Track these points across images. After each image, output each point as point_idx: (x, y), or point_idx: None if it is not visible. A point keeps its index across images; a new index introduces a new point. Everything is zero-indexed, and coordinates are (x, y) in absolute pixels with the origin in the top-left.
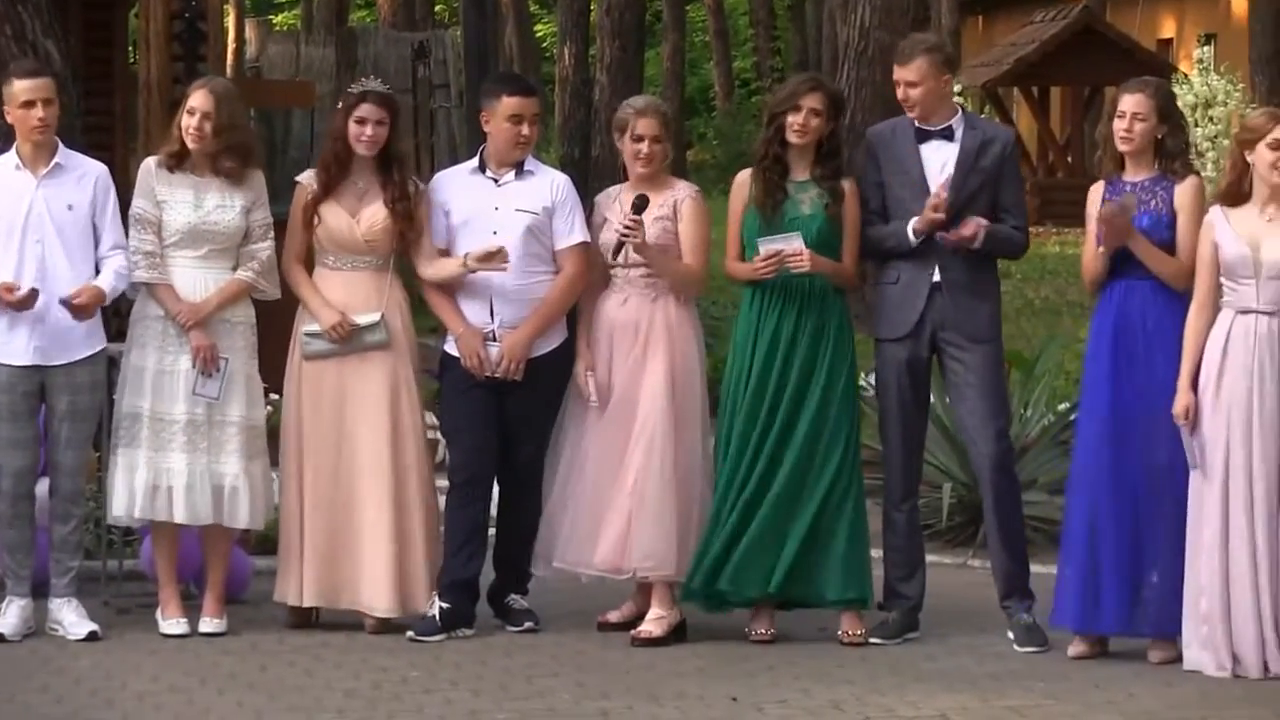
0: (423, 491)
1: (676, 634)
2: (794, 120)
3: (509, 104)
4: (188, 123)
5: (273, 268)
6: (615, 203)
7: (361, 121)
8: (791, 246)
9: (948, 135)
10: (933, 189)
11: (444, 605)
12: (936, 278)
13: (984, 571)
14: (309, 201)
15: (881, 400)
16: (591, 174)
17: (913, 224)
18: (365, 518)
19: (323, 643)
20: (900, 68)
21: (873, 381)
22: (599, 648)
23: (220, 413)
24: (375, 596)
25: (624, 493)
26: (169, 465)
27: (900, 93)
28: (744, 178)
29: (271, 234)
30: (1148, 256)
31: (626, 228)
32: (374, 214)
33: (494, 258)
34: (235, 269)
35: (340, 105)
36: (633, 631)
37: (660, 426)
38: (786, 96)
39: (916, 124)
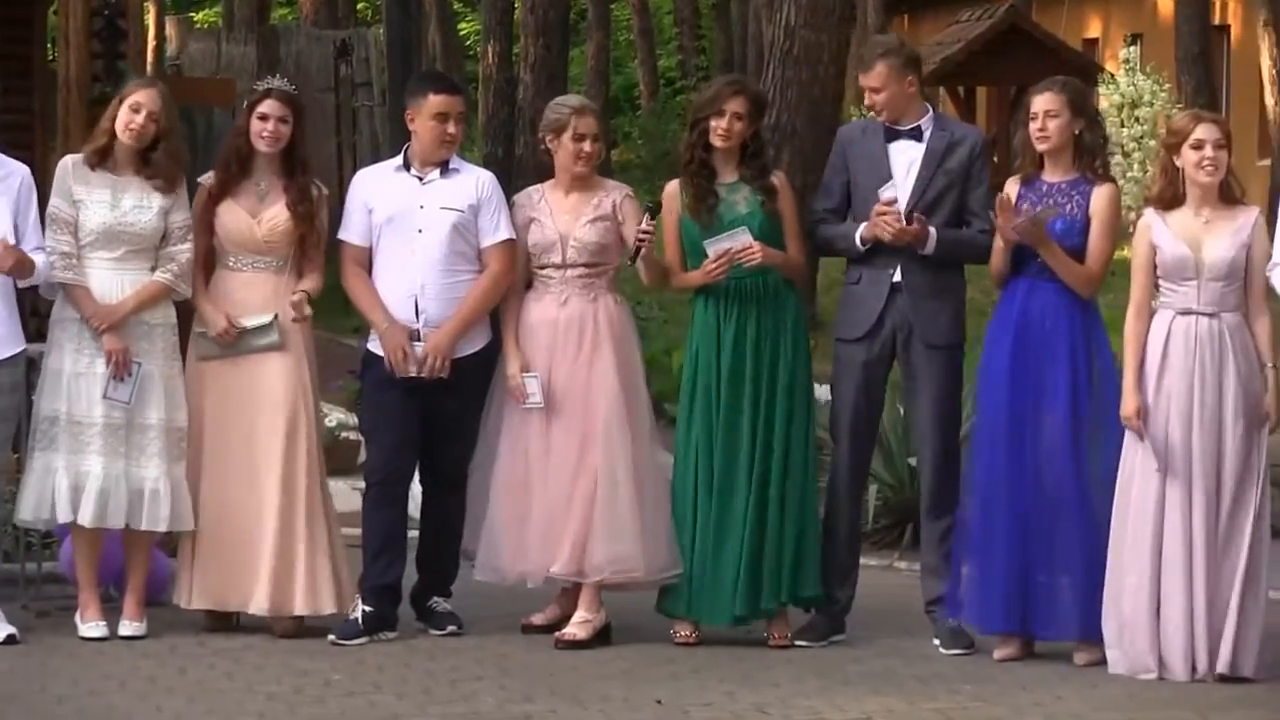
0: (319, 494)
1: (601, 637)
2: (718, 125)
3: (435, 102)
4: (129, 118)
5: (189, 269)
6: (543, 203)
7: (264, 118)
8: (739, 242)
9: (916, 136)
10: (899, 188)
11: (366, 609)
12: (897, 278)
13: (910, 574)
14: (207, 200)
15: (834, 400)
16: (515, 173)
17: (861, 230)
18: (258, 519)
19: (244, 645)
20: (863, 75)
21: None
22: (523, 650)
23: (140, 416)
24: (261, 596)
25: (584, 497)
26: (86, 468)
27: (867, 99)
28: (673, 188)
29: (191, 236)
30: (1058, 264)
31: (644, 233)
32: (275, 215)
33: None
34: (154, 270)
35: (245, 102)
36: (557, 634)
37: (618, 426)
38: (709, 101)
39: (886, 124)
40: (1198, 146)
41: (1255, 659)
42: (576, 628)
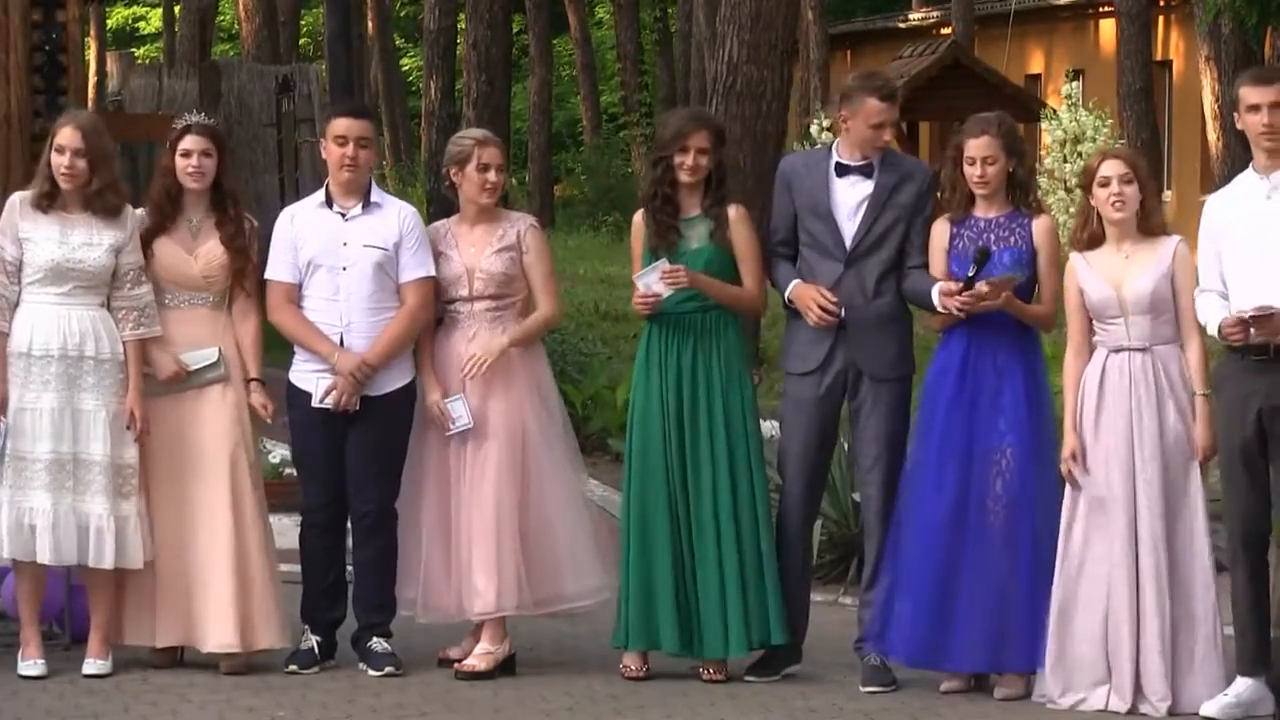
0: (264, 526)
1: (504, 668)
2: (683, 160)
3: (335, 125)
4: (58, 162)
5: (153, 309)
6: (450, 235)
7: (187, 154)
8: (657, 272)
9: (867, 172)
10: (843, 225)
11: (316, 639)
12: (841, 313)
13: (855, 609)
14: (141, 241)
15: (783, 437)
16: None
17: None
18: (208, 555)
19: (189, 682)
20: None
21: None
22: (467, 686)
23: (85, 452)
24: (216, 633)
25: (506, 532)
26: (32, 504)
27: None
28: (640, 219)
29: (145, 275)
30: (1022, 314)
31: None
32: (211, 250)
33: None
34: (103, 305)
35: (167, 142)
36: (456, 665)
37: (529, 460)
38: (673, 137)
39: (837, 158)
40: (1104, 184)
41: (1209, 693)
42: (478, 659)
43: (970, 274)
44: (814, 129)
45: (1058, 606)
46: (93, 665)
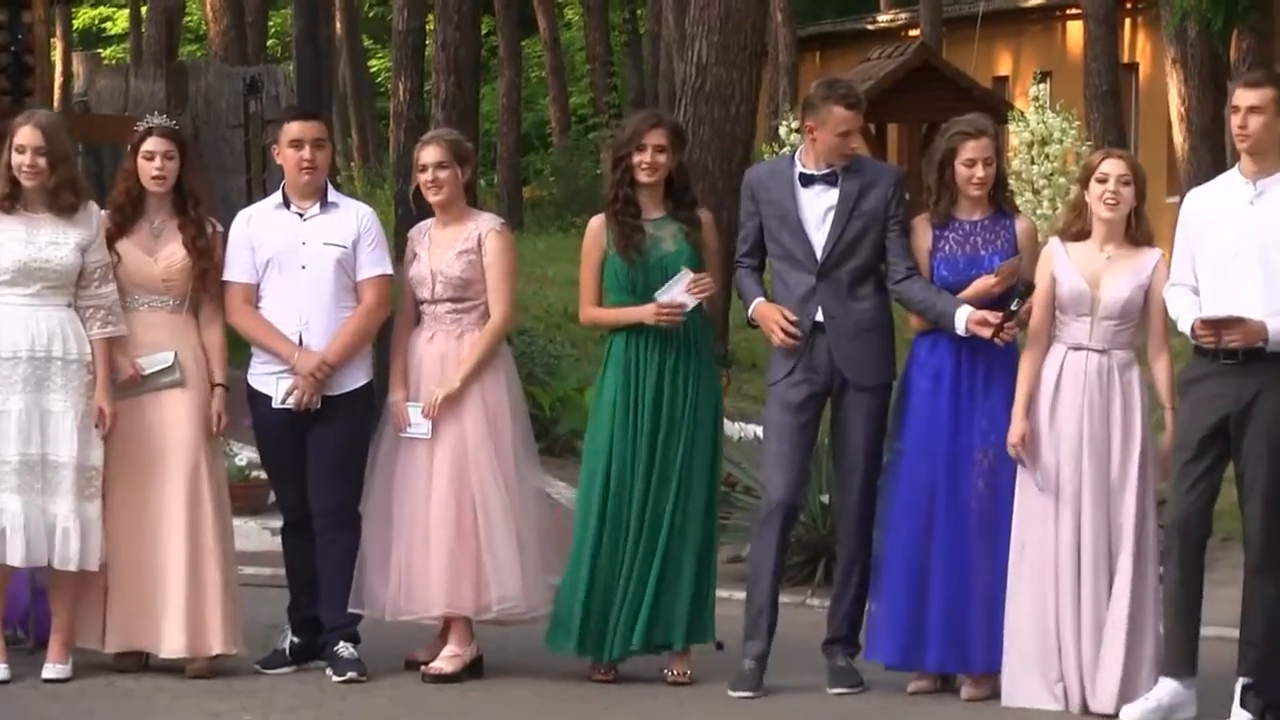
0: (226, 532)
1: (471, 670)
2: (641, 159)
3: (289, 129)
4: (19, 161)
5: (119, 307)
6: (425, 236)
7: (149, 156)
8: (682, 284)
9: (831, 180)
10: (812, 236)
11: (295, 640)
12: (819, 317)
13: (823, 611)
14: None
15: (766, 442)
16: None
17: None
18: (166, 559)
19: (154, 687)
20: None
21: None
22: (435, 690)
23: (54, 453)
24: (173, 639)
25: (465, 534)
26: (2, 506)
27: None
28: (597, 224)
29: (111, 274)
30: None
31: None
32: (172, 253)
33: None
34: (69, 305)
35: (129, 144)
36: (423, 667)
37: (486, 464)
38: (630, 137)
39: (801, 168)
40: (1102, 180)
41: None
42: (445, 661)
43: (1013, 307)
44: (783, 131)
45: (1010, 602)
46: (52, 670)
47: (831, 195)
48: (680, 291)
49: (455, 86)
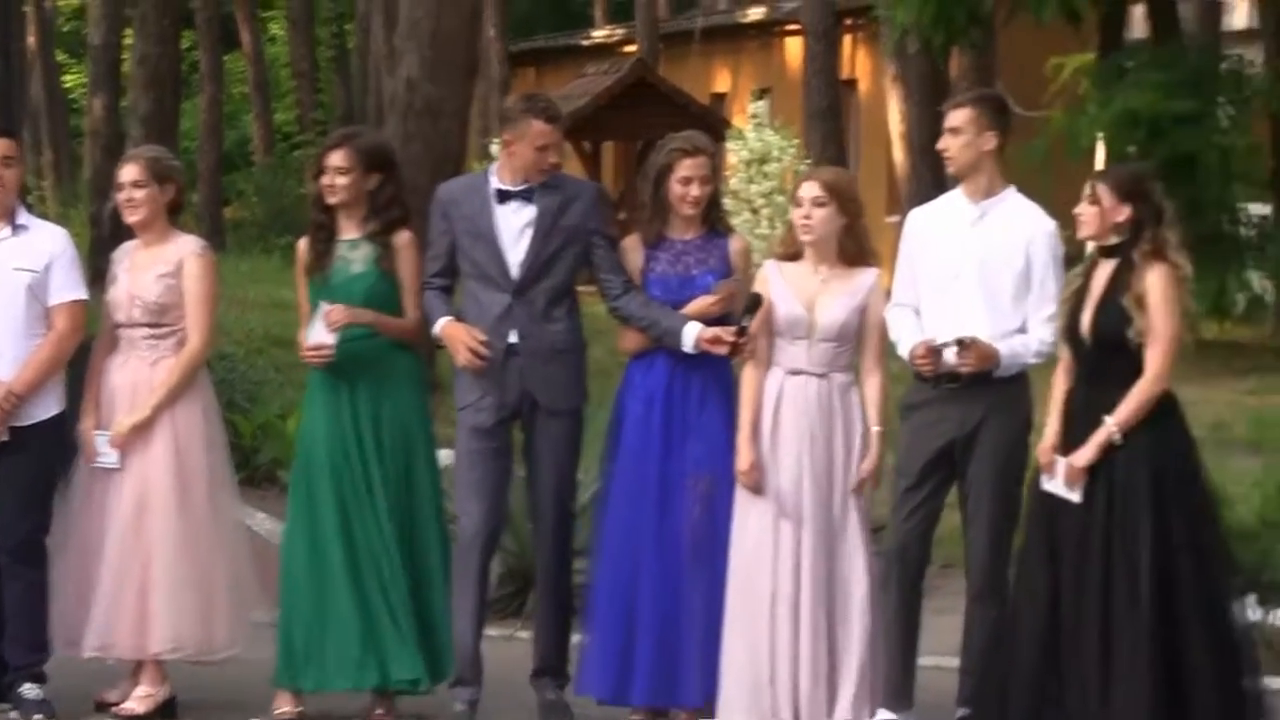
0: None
1: (164, 711)
2: (323, 181)
3: None
4: None
5: None
6: (127, 258)
7: None
8: (320, 321)
9: (527, 196)
10: (508, 254)
11: None
12: (514, 339)
13: (530, 643)
14: None
15: (457, 470)
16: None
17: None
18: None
19: None
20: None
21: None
22: None
23: None
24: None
25: (141, 568)
26: None
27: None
28: (303, 245)
29: None
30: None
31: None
32: None
33: None
34: None
35: None
36: (114, 708)
37: (167, 497)
38: (315, 159)
39: (497, 184)
40: (797, 204)
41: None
42: (136, 702)
43: (744, 323)
44: (494, 148)
45: (727, 629)
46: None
47: (529, 211)
48: (321, 330)
49: (154, 102)
